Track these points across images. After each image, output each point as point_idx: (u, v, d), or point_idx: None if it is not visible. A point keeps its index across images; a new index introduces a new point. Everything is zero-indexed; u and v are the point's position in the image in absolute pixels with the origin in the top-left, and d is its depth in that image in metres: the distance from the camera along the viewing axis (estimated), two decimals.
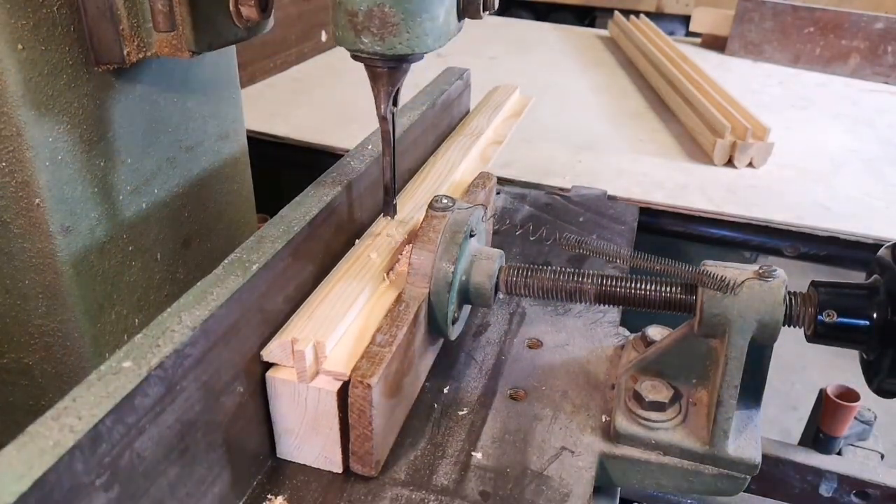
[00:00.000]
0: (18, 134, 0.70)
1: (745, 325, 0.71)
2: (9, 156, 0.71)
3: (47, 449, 0.46)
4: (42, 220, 0.74)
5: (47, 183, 0.73)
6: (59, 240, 0.76)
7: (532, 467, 0.74)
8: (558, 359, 0.90)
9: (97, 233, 0.81)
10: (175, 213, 0.93)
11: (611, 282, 0.78)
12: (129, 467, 0.52)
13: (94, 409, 0.49)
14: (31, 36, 0.68)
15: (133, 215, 0.86)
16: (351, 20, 0.68)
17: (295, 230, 0.73)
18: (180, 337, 0.57)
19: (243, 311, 0.65)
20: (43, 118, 0.71)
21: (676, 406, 0.78)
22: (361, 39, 0.68)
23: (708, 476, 0.75)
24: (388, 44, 0.68)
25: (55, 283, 0.78)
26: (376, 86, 0.75)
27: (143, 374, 0.53)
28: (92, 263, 0.81)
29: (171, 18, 0.74)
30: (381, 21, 0.67)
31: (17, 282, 0.79)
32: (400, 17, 0.67)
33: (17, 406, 0.88)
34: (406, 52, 0.69)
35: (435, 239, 0.77)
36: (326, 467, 0.72)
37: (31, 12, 0.68)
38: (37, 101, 0.70)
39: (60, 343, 0.82)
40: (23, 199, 0.73)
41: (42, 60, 0.70)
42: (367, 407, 0.66)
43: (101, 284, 0.83)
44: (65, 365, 0.83)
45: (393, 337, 0.71)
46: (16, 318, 0.81)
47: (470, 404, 0.83)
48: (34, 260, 0.77)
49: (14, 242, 0.76)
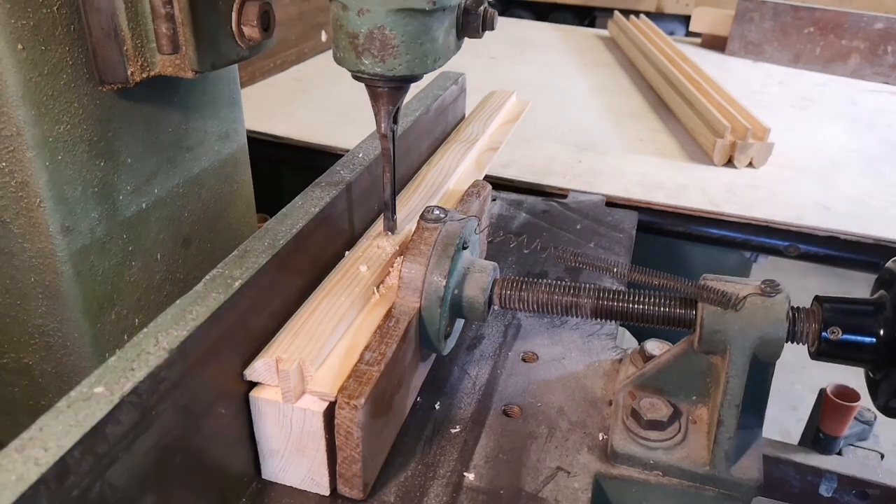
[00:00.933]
0: (18, 134, 0.70)
1: (746, 342, 0.68)
2: (9, 156, 0.71)
3: (9, 484, 0.43)
4: (42, 220, 0.74)
5: (47, 183, 0.73)
6: (59, 240, 0.76)
7: (526, 489, 0.72)
8: (554, 373, 0.88)
9: (97, 233, 0.80)
10: (175, 212, 0.93)
11: (608, 296, 0.75)
12: (100, 499, 0.49)
13: (62, 440, 0.47)
14: (31, 36, 0.68)
15: (133, 215, 0.85)
16: (352, 42, 0.69)
17: (280, 244, 0.71)
18: (156, 360, 0.54)
19: (225, 330, 0.62)
20: (43, 118, 0.71)
21: (676, 425, 0.76)
22: (362, 61, 0.70)
23: (709, 498, 0.73)
24: (388, 65, 0.69)
25: (55, 283, 0.78)
26: (377, 105, 0.76)
27: (115, 400, 0.50)
28: (92, 263, 0.80)
29: (174, 40, 0.75)
30: (381, 43, 0.68)
31: (17, 281, 0.78)
32: (400, 40, 0.68)
33: (17, 405, 0.88)
34: (406, 73, 0.71)
35: (426, 252, 0.75)
36: (313, 489, 0.70)
37: (31, 12, 0.67)
38: (37, 101, 0.70)
39: (60, 343, 0.82)
40: (23, 199, 0.73)
41: (42, 60, 0.69)
42: (354, 429, 0.64)
43: (101, 284, 0.82)
44: (65, 364, 0.83)
45: (382, 355, 0.68)
46: (16, 317, 0.81)
47: (463, 421, 0.80)
48: (34, 260, 0.77)
49: (14, 242, 0.76)
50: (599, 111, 1.99)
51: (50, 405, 0.48)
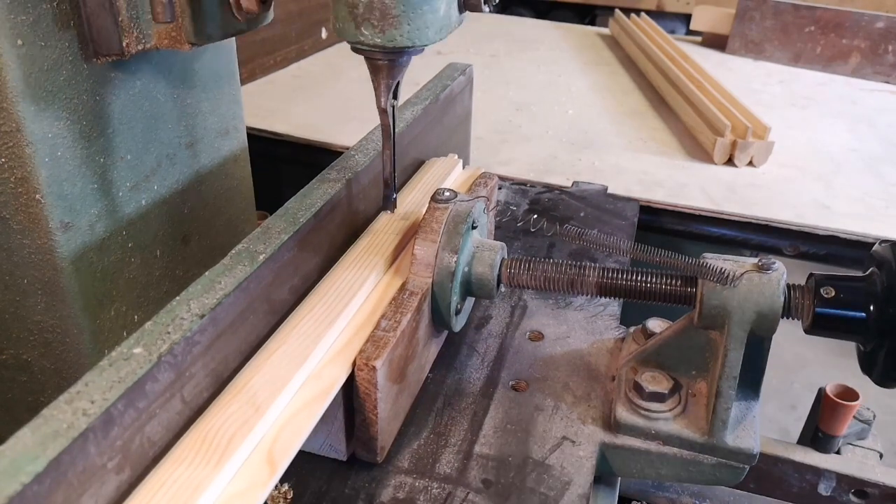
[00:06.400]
0: (18, 129, 0.70)
1: (744, 316, 0.72)
2: (8, 151, 0.71)
3: (62, 431, 0.46)
4: (41, 216, 0.75)
5: (47, 179, 0.73)
6: (59, 236, 0.76)
7: (533, 456, 0.75)
8: (559, 351, 0.91)
9: (97, 229, 0.81)
10: (175, 209, 0.93)
11: (612, 274, 0.79)
12: (140, 451, 0.53)
13: (107, 394, 0.50)
14: (30, 31, 0.68)
15: (133, 212, 0.86)
16: (351, 12, 0.67)
17: (301, 222, 0.74)
18: (189, 324, 0.58)
19: (250, 301, 0.65)
20: (42, 114, 0.71)
21: (676, 397, 0.79)
22: (362, 31, 0.68)
23: (707, 465, 0.77)
24: (388, 36, 0.68)
25: (54, 279, 0.78)
26: (376, 78, 0.75)
27: (153, 359, 0.54)
28: (91, 260, 0.81)
29: (170, 9, 0.74)
30: (381, 13, 0.67)
31: (16, 278, 0.79)
32: (401, 9, 0.66)
33: (16, 402, 0.88)
34: (407, 44, 0.69)
35: (438, 230, 0.79)
36: (332, 455, 0.73)
37: (31, 8, 0.68)
38: (36, 97, 0.70)
39: (59, 339, 0.82)
40: (22, 195, 0.73)
41: (42, 56, 0.70)
42: (371, 390, 0.67)
43: (100, 281, 0.83)
44: (64, 361, 0.84)
45: (397, 322, 0.72)
46: (15, 313, 0.82)
47: (472, 395, 0.84)
48: (33, 256, 0.77)
49: (13, 238, 0.76)
50: (600, 109, 2.01)
51: (49, 401, 0.48)
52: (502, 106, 1.98)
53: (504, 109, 1.95)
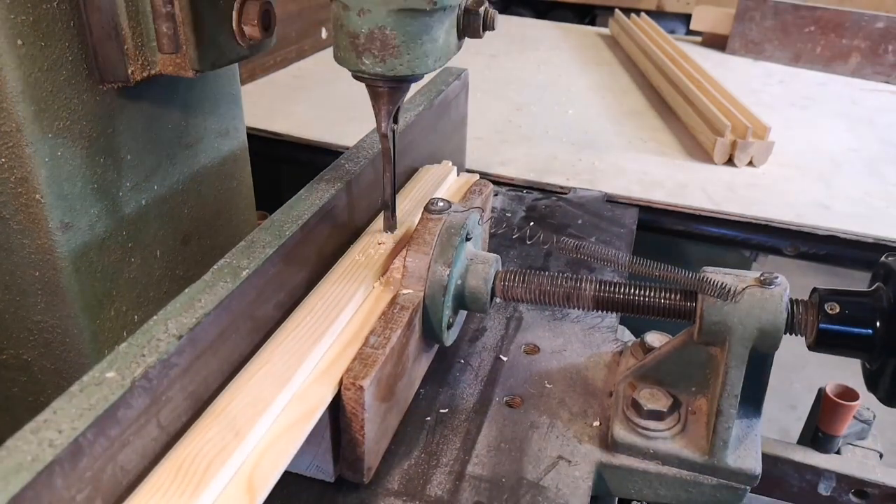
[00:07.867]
0: (18, 130, 0.70)
1: (745, 332, 0.69)
2: (8, 152, 0.71)
3: (25, 464, 0.44)
4: (41, 217, 0.74)
5: (47, 179, 0.73)
6: (59, 236, 0.76)
7: (528, 477, 0.73)
8: (556, 365, 0.89)
9: (97, 229, 0.81)
10: (175, 209, 0.93)
11: (609, 287, 0.76)
12: (113, 481, 0.50)
13: (76, 422, 0.48)
14: (30, 32, 0.68)
15: (133, 212, 0.86)
16: (353, 42, 0.69)
17: (287, 235, 0.72)
18: (166, 346, 0.55)
19: (233, 319, 0.63)
20: (42, 114, 0.71)
21: (675, 415, 0.77)
22: (363, 61, 0.70)
23: (707, 486, 0.74)
24: (388, 65, 0.70)
25: (54, 280, 0.78)
26: (377, 104, 0.76)
27: (126, 385, 0.51)
28: (91, 260, 0.81)
29: (175, 40, 0.75)
30: (382, 43, 0.68)
31: (16, 278, 0.79)
32: (401, 40, 0.68)
33: (16, 402, 0.88)
34: (407, 73, 0.71)
35: (431, 241, 0.76)
36: (319, 477, 0.71)
37: (31, 8, 0.68)
38: (36, 97, 0.70)
39: (59, 339, 0.82)
40: (22, 196, 0.73)
41: (42, 56, 0.70)
42: (359, 410, 0.65)
43: (100, 281, 0.83)
44: (64, 361, 0.83)
45: (386, 339, 0.69)
46: (15, 313, 0.81)
47: (465, 412, 0.81)
48: (33, 256, 0.77)
49: (13, 238, 0.76)
50: (600, 109, 2.00)
51: (49, 401, 0.48)
52: (502, 106, 1.96)
53: (504, 109, 1.93)
